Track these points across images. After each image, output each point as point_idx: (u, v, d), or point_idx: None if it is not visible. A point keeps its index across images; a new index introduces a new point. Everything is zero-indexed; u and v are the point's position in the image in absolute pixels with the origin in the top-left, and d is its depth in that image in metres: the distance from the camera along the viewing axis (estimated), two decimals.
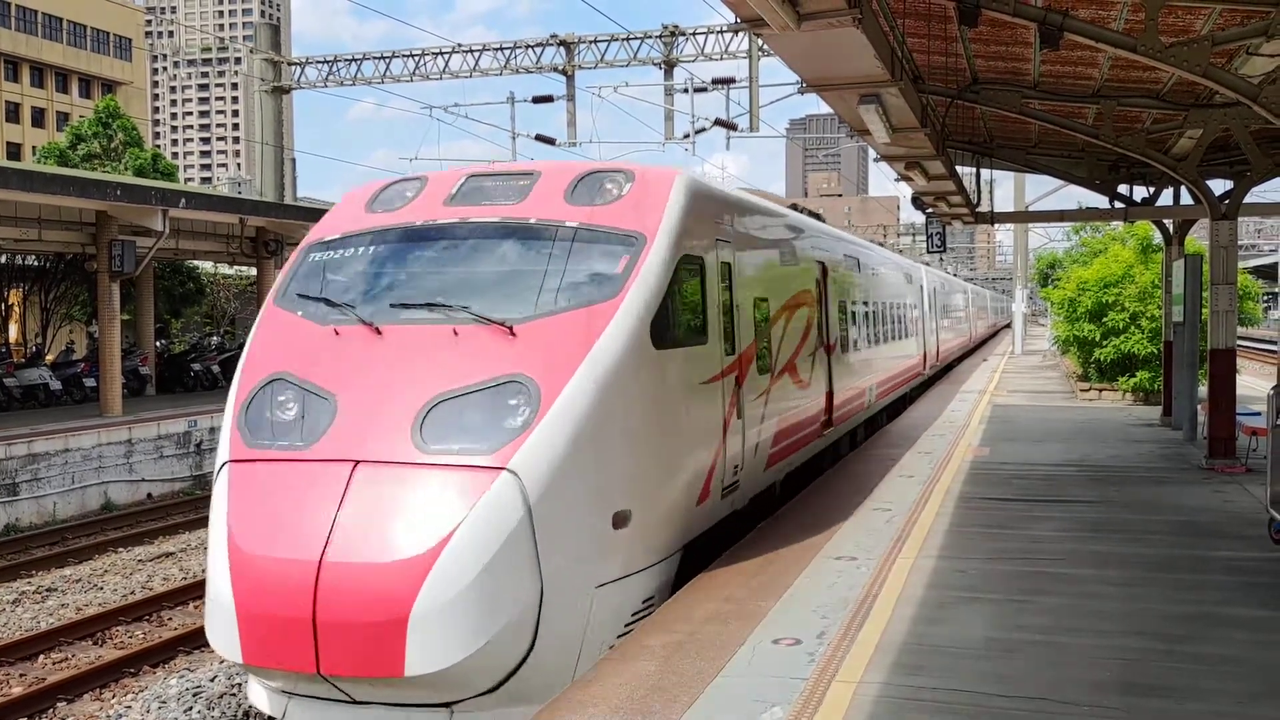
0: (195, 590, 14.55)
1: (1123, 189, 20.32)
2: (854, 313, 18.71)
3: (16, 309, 37.65)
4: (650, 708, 6.41)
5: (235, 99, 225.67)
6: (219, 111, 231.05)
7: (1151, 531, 10.90)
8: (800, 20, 8.09)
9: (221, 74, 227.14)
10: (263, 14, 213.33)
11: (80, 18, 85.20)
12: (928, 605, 8.36)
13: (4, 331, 36.32)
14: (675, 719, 6.23)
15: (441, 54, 34.89)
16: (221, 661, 11.18)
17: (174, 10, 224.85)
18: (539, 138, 33.64)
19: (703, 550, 10.21)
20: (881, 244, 42.68)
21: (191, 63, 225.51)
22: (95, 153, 46.19)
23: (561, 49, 32.60)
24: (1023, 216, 33.04)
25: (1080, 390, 26.30)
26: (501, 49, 34.05)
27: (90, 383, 28.02)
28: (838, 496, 13.17)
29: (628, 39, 31.68)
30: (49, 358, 32.59)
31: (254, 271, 34.21)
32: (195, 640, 12.46)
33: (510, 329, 8.03)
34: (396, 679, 6.93)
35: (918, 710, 6.28)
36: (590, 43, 32.48)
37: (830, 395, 15.72)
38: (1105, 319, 24.81)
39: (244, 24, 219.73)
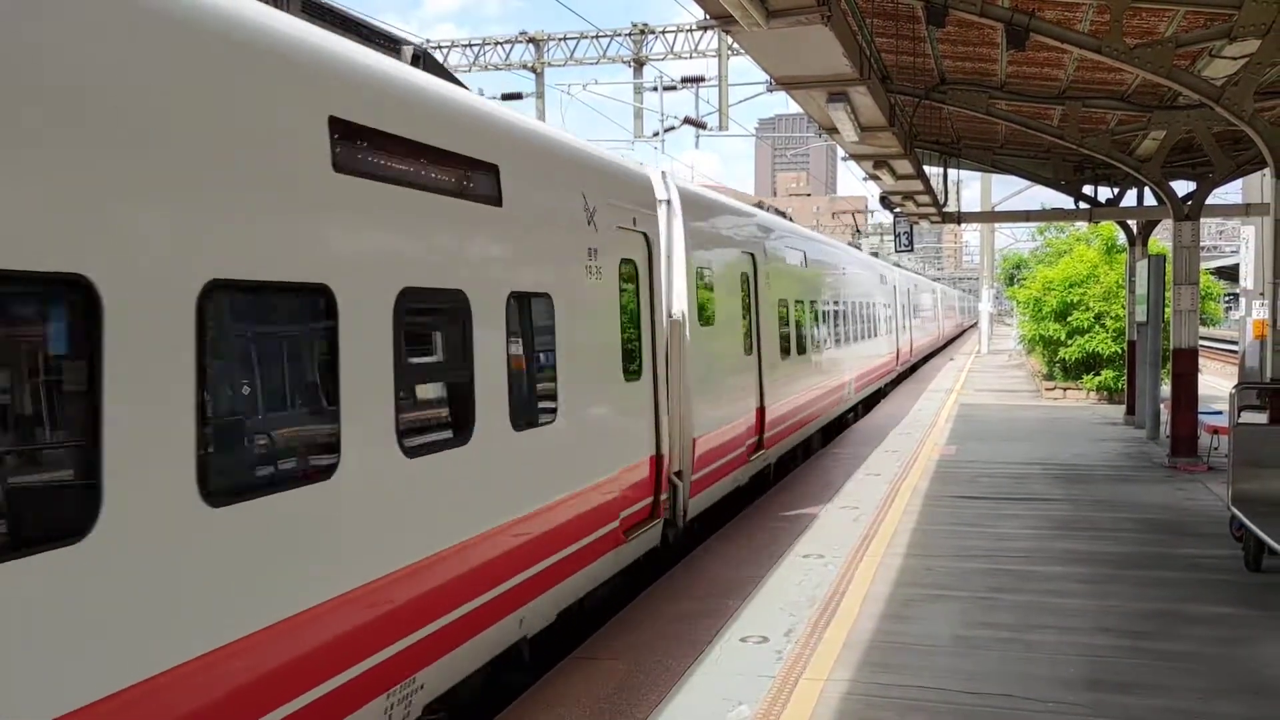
0: None
1: (1088, 190, 20.51)
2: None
3: None
4: (618, 706, 6.37)
5: None
6: None
7: (1116, 529, 10.99)
8: (769, 18, 8.09)
9: None
10: None
11: None
12: (895, 603, 8.38)
13: None
14: (643, 717, 6.20)
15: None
16: None
17: None
18: None
19: (670, 550, 10.19)
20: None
21: None
22: None
23: (531, 46, 32.48)
24: (989, 216, 33.26)
25: (1045, 389, 26.53)
26: (470, 46, 33.89)
27: None
28: (805, 495, 13.19)
29: (597, 36, 31.61)
30: None
31: None
32: None
33: None
34: None
35: (885, 707, 6.29)
36: (559, 40, 32.38)
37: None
38: (1070, 318, 25.06)
39: None
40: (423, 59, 6.64)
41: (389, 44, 6.47)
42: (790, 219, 18.12)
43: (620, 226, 8.74)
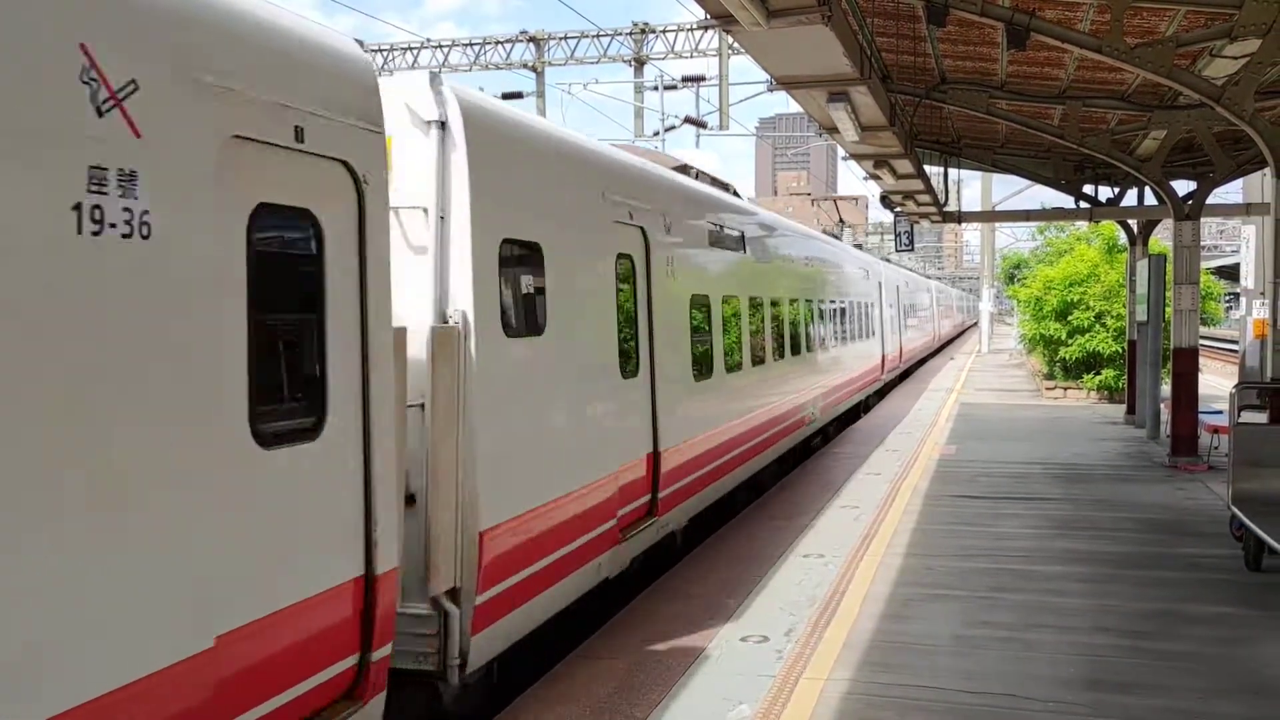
0: None
1: (1088, 189, 20.52)
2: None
3: None
4: (618, 706, 6.38)
5: None
6: None
7: (1116, 529, 11.00)
8: (770, 17, 8.09)
9: None
10: None
11: None
12: (895, 602, 8.38)
13: None
14: (643, 717, 6.20)
15: (410, 49, 34.69)
16: None
17: None
18: None
19: (668, 551, 10.18)
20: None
21: None
22: None
23: (531, 45, 32.49)
24: (990, 216, 33.27)
25: (1046, 389, 26.53)
26: (471, 45, 33.89)
27: None
28: (806, 494, 13.19)
29: (598, 36, 31.61)
30: None
31: None
32: None
33: None
34: None
35: (885, 707, 6.29)
36: (560, 39, 32.38)
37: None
38: (1071, 318, 25.06)
39: None
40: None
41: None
42: (735, 192, 14.00)
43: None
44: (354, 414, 4.97)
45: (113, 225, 3.59)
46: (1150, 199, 19.36)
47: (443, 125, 6.45)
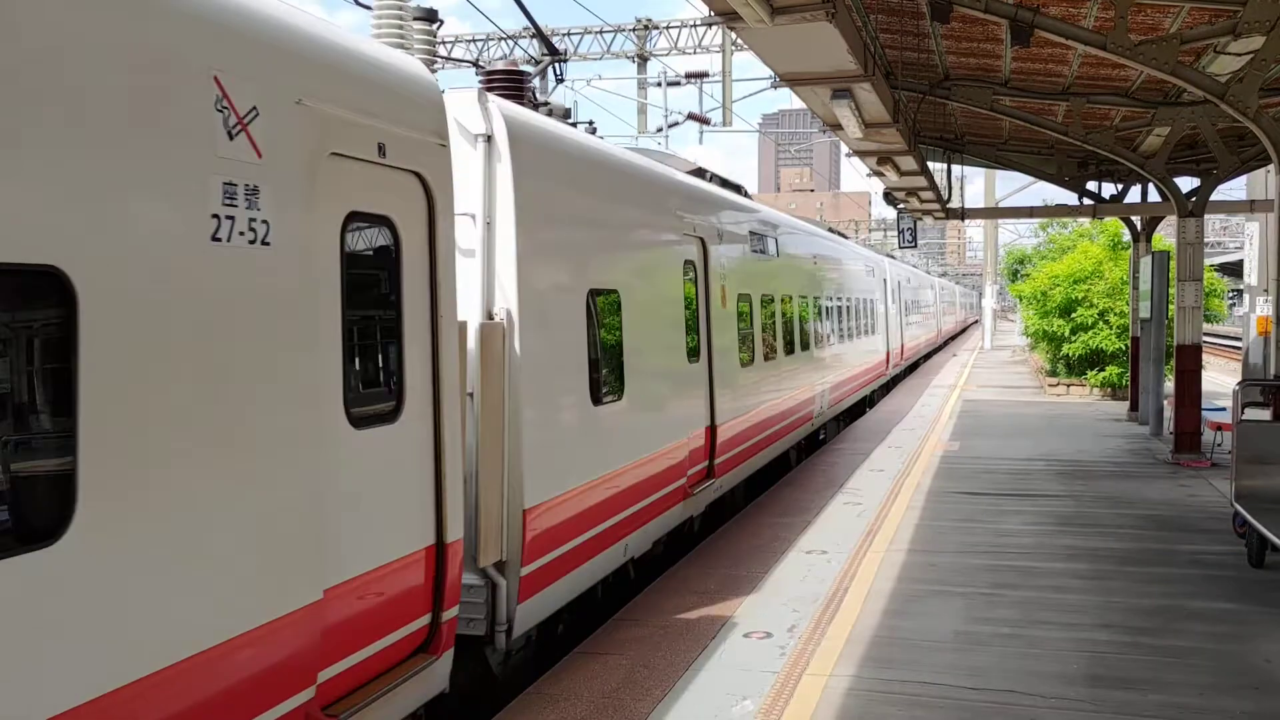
0: None
1: (1091, 186, 20.50)
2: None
3: None
4: (622, 701, 6.40)
5: None
6: None
7: (1118, 525, 11.01)
8: (774, 14, 8.10)
9: None
10: None
11: None
12: (898, 598, 8.40)
13: None
14: (647, 712, 6.23)
15: None
16: None
17: None
18: None
19: (672, 546, 10.21)
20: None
21: None
22: None
23: (535, 41, 32.44)
24: (993, 212, 33.22)
25: (1049, 385, 26.53)
26: (474, 40, 33.87)
27: None
28: (809, 490, 13.21)
29: (601, 32, 31.59)
30: None
31: None
32: None
33: None
34: None
35: (888, 703, 6.31)
36: (564, 35, 32.36)
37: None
38: (1074, 315, 25.05)
39: None
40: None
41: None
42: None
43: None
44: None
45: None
46: (1154, 196, 19.34)
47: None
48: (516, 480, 6.77)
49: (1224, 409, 15.26)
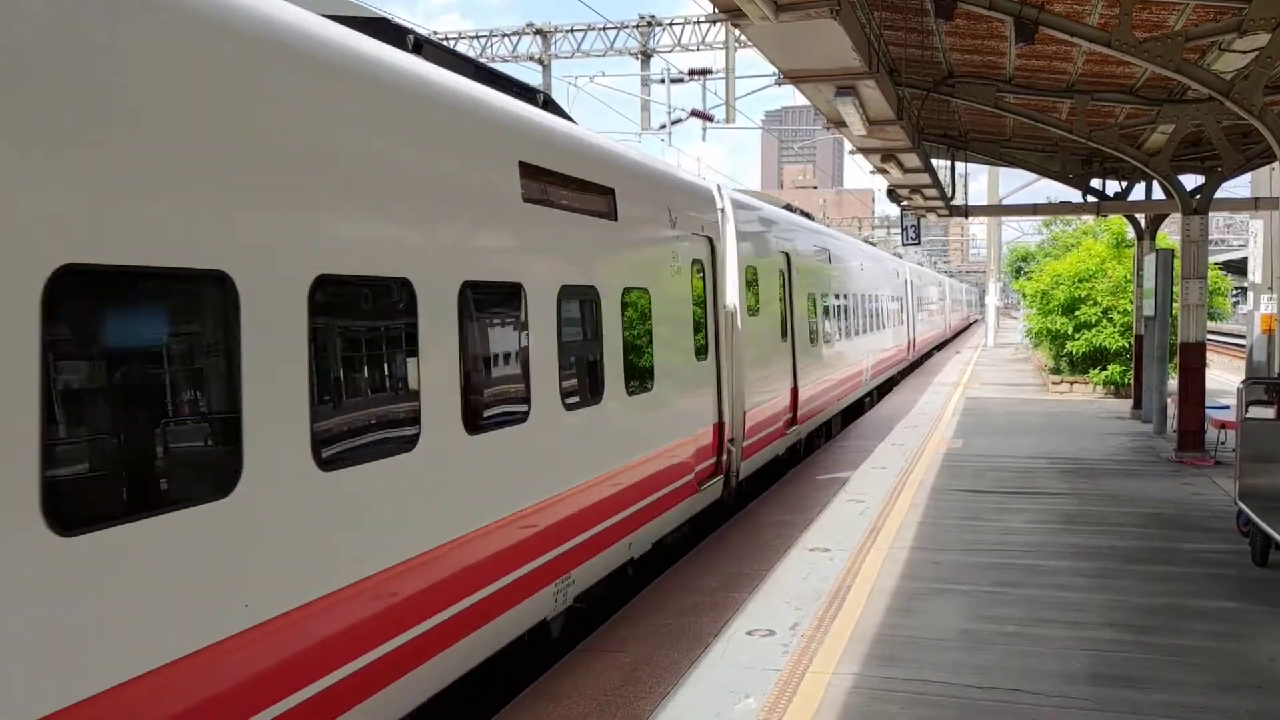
0: None
1: (1095, 183, 20.47)
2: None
3: None
4: (625, 698, 6.40)
5: None
6: None
7: (1122, 524, 11.00)
8: (778, 12, 8.09)
9: None
10: None
11: None
12: (901, 596, 8.40)
13: None
14: (650, 710, 6.23)
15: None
16: None
17: None
18: None
19: (676, 543, 10.22)
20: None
21: None
22: None
23: (538, 38, 32.44)
24: (996, 210, 33.19)
25: (1052, 383, 26.50)
26: (477, 37, 33.85)
27: None
28: (812, 488, 13.21)
29: (604, 29, 31.56)
30: None
31: None
32: None
33: None
34: None
35: (891, 701, 6.31)
36: (567, 32, 32.33)
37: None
38: (1077, 312, 25.02)
39: None
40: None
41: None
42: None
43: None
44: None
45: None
46: (1158, 193, 19.31)
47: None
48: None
49: (1227, 407, 15.23)
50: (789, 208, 17.84)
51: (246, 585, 4.28)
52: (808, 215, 19.69)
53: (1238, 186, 22.58)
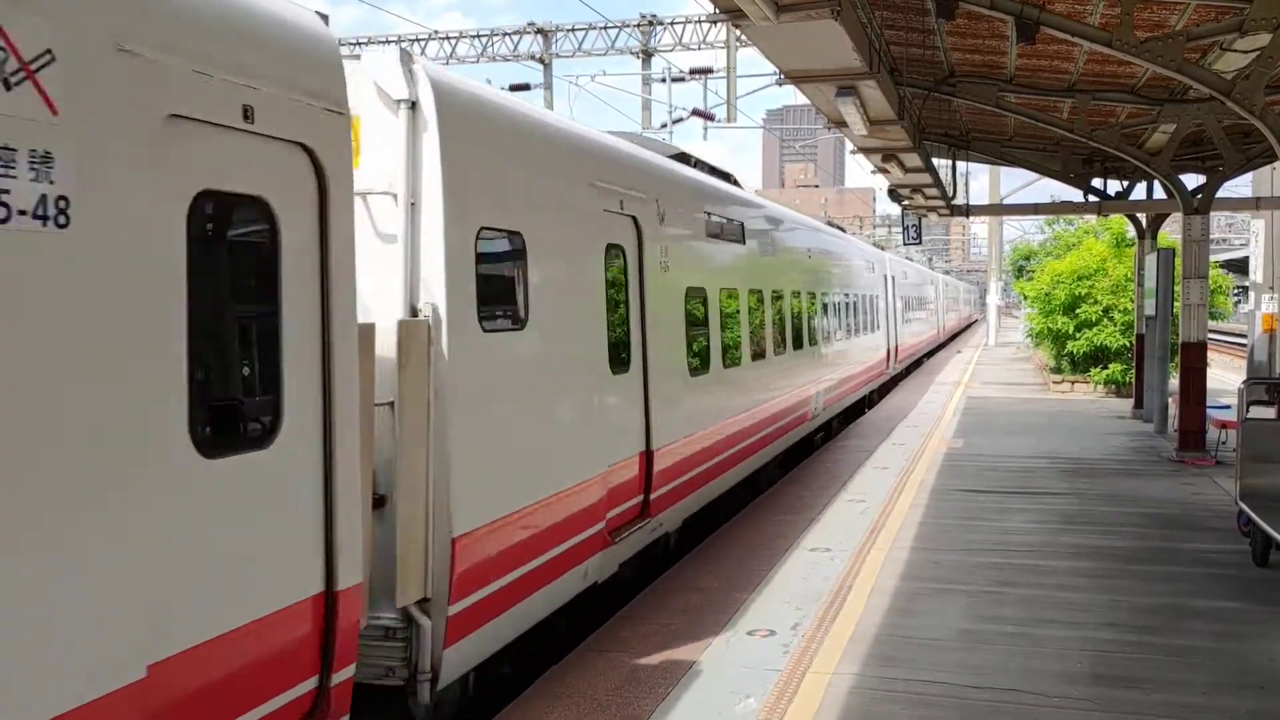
0: None
1: (1096, 183, 20.46)
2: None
3: None
4: (626, 698, 6.41)
5: None
6: None
7: (1123, 524, 11.00)
8: (779, 12, 8.08)
9: None
10: None
11: None
12: (901, 596, 8.40)
13: None
14: (650, 709, 6.24)
15: (417, 41, 34.67)
16: None
17: None
18: None
19: (678, 544, 10.21)
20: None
21: None
22: None
23: (539, 37, 32.45)
24: (998, 209, 33.16)
25: (1053, 383, 26.50)
26: (478, 36, 33.84)
27: None
28: (812, 488, 13.21)
29: (605, 28, 31.56)
30: None
31: None
32: None
33: None
34: None
35: (891, 701, 6.32)
36: (568, 31, 32.33)
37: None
38: (1078, 312, 25.02)
39: None
40: None
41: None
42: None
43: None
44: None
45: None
46: (1159, 193, 19.30)
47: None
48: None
49: (1228, 407, 15.22)
50: (683, 157, 11.48)
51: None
52: (727, 177, 13.12)
53: (1239, 186, 22.56)
